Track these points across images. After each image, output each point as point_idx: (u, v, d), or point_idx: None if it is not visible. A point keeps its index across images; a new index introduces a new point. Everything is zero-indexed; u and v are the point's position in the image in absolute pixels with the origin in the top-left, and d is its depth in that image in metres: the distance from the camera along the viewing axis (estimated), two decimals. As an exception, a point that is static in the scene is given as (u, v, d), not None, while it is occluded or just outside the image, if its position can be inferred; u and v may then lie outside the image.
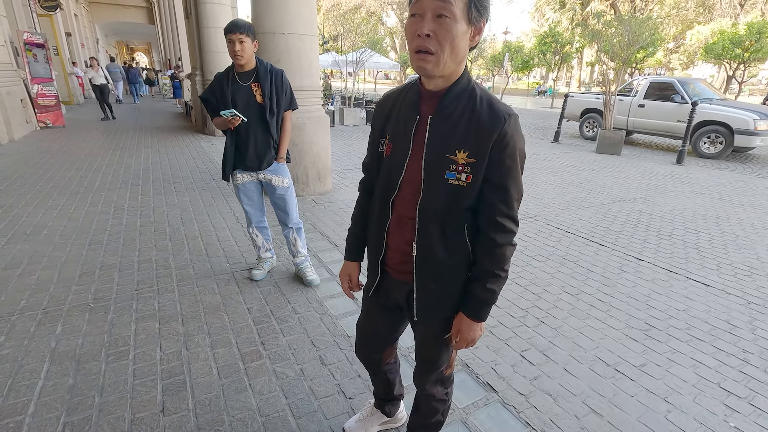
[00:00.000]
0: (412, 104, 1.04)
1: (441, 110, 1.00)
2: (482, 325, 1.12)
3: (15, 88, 7.90)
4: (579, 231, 4.01)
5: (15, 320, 2.31)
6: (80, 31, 18.75)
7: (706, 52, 18.26)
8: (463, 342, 1.12)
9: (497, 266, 1.05)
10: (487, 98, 0.98)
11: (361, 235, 1.29)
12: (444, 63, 0.92)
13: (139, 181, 5.19)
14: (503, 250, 1.04)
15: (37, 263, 2.97)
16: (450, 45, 0.90)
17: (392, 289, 1.21)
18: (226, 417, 1.71)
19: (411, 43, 0.93)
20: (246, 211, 2.74)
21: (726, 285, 3.03)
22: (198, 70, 9.34)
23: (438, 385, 1.30)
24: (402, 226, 1.09)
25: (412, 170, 1.04)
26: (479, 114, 0.96)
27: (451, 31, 0.88)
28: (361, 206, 1.28)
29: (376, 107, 1.17)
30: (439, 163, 0.99)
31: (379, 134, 1.14)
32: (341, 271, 1.36)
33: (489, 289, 1.06)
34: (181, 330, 2.28)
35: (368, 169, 1.24)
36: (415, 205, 1.04)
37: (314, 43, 4.56)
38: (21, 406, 1.73)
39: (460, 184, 0.99)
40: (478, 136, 0.96)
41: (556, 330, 2.41)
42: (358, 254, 1.33)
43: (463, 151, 0.97)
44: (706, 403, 1.90)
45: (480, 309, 1.09)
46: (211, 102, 2.45)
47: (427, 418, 1.37)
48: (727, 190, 5.77)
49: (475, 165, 0.97)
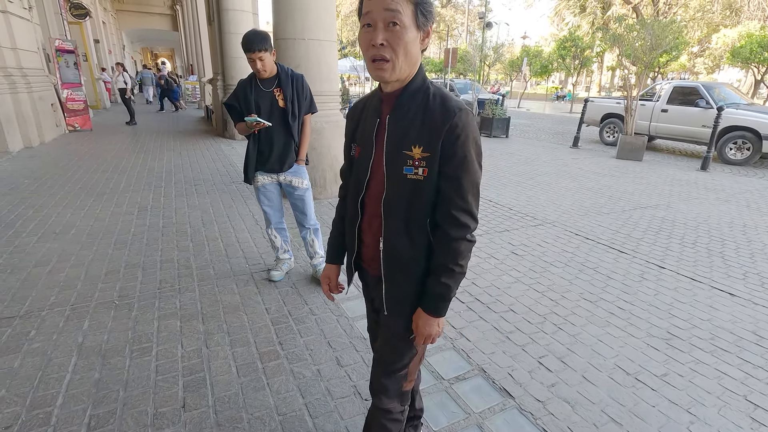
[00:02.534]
0: (375, 108, 1.11)
1: (397, 109, 1.05)
2: (441, 321, 1.12)
3: (46, 93, 8.22)
4: (599, 237, 3.94)
5: (45, 315, 2.40)
6: (108, 38, 19.40)
7: (732, 55, 17.77)
8: (421, 338, 1.13)
9: (451, 260, 1.05)
10: (440, 95, 1.02)
11: (340, 240, 1.34)
12: (400, 68, 0.98)
13: (162, 183, 5.33)
14: (457, 245, 1.05)
15: (66, 261, 3.08)
16: (403, 51, 0.96)
17: (371, 284, 1.26)
18: (245, 415, 1.75)
19: (366, 52, 0.99)
20: (265, 213, 2.79)
21: (753, 295, 2.94)
22: (219, 75, 9.55)
23: (395, 399, 1.26)
24: (372, 223, 1.14)
25: (376, 170, 1.10)
26: (432, 110, 1.00)
27: (403, 38, 0.94)
28: (340, 212, 1.34)
29: (347, 115, 1.24)
30: (397, 160, 1.04)
31: (350, 140, 1.22)
32: (322, 274, 1.40)
33: (443, 283, 1.07)
34: (201, 328, 2.34)
35: (345, 176, 1.29)
36: (380, 202, 1.09)
37: (333, 49, 4.62)
38: (50, 397, 1.79)
39: (417, 178, 1.02)
40: (430, 130, 0.99)
41: (574, 337, 2.38)
42: (337, 257, 1.37)
43: (418, 146, 1.01)
44: (732, 416, 1.84)
45: (435, 304, 1.09)
46: (235, 108, 2.52)
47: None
48: (755, 198, 5.60)
49: (429, 159, 1.00)
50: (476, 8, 39.73)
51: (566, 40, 22.78)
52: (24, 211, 4.10)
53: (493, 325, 2.48)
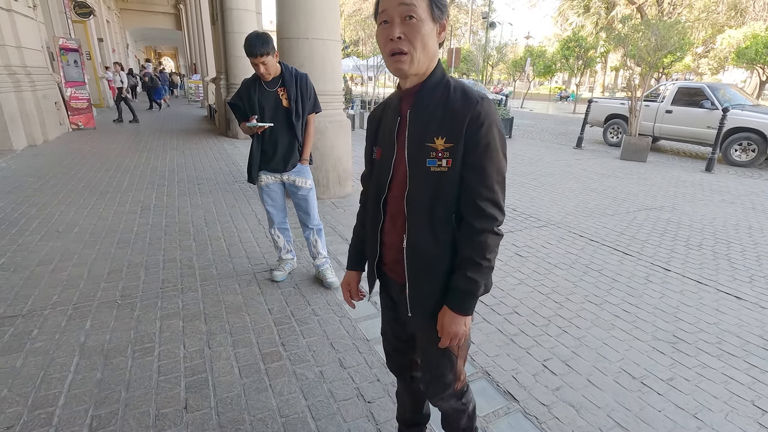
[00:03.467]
0: (395, 108, 1.11)
1: (417, 103, 1.05)
2: (467, 319, 1.07)
3: (50, 92, 8.25)
4: (603, 239, 3.92)
5: (47, 314, 2.40)
6: (111, 37, 19.45)
7: (737, 56, 17.68)
8: (447, 338, 1.09)
9: (477, 254, 1.02)
10: (460, 87, 1.02)
11: (360, 246, 1.32)
12: (417, 60, 0.98)
13: (165, 182, 5.33)
14: (483, 237, 1.01)
15: (69, 260, 3.08)
16: (421, 43, 0.96)
17: (392, 290, 1.23)
18: (247, 416, 1.73)
19: (384, 47, 0.99)
20: (269, 212, 2.78)
21: (760, 298, 2.91)
22: (223, 75, 9.56)
23: (452, 399, 1.25)
24: (395, 222, 1.12)
25: (398, 168, 1.08)
26: (453, 101, 1.00)
27: (420, 30, 0.95)
28: (361, 218, 1.32)
29: (368, 119, 1.24)
30: (420, 153, 1.02)
31: (371, 143, 1.21)
32: (342, 280, 1.38)
33: (470, 278, 1.02)
34: (203, 329, 2.33)
35: (367, 181, 1.28)
36: (403, 199, 1.07)
37: (337, 49, 4.61)
38: (52, 397, 1.79)
39: (441, 170, 1.01)
40: (452, 120, 0.98)
41: (579, 340, 2.36)
42: (358, 264, 1.35)
43: (440, 137, 1.00)
44: (739, 421, 1.82)
45: (461, 300, 1.05)
46: (239, 107, 2.51)
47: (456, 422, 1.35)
48: (761, 200, 5.55)
49: (453, 149, 0.99)
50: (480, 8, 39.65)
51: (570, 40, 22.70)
52: (27, 210, 4.11)
53: (497, 327, 2.46)
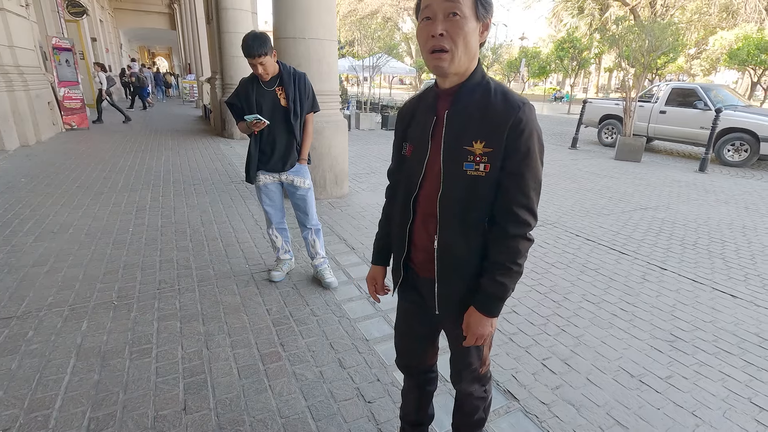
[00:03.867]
0: (430, 106, 1.09)
1: (456, 104, 1.03)
2: (493, 321, 1.09)
3: (43, 91, 8.16)
4: (599, 239, 3.94)
5: (43, 316, 2.37)
6: (105, 37, 19.30)
7: (729, 57, 17.87)
8: (473, 337, 1.11)
9: (509, 259, 1.02)
10: (501, 90, 1.01)
11: (386, 240, 1.31)
12: (459, 59, 0.96)
13: (161, 183, 5.29)
14: (516, 243, 1.02)
15: (64, 261, 3.05)
16: (463, 41, 0.94)
17: (420, 287, 1.22)
18: (247, 417, 1.72)
19: (425, 45, 0.98)
20: (266, 212, 2.77)
21: (755, 297, 2.94)
22: (218, 75, 9.52)
23: (475, 383, 1.29)
24: (426, 223, 1.11)
25: (431, 168, 1.07)
26: (493, 104, 0.98)
27: (463, 28, 0.93)
28: (387, 212, 1.31)
29: (398, 114, 1.22)
30: (457, 156, 1.01)
31: (401, 138, 1.19)
32: (368, 275, 1.38)
33: (499, 282, 1.03)
34: (201, 329, 2.31)
35: (393, 176, 1.26)
36: (436, 200, 1.06)
37: (334, 48, 4.60)
38: (49, 400, 1.76)
39: (478, 174, 0.99)
40: (493, 125, 0.97)
41: (577, 339, 2.37)
42: (383, 259, 1.34)
43: (479, 141, 0.98)
44: (737, 418, 1.83)
45: (490, 303, 1.07)
46: (236, 106, 2.50)
47: (470, 416, 1.36)
48: (753, 199, 5.61)
49: (492, 154, 0.98)
50: (474, 9, 39.59)
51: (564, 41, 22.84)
52: (21, 210, 4.06)
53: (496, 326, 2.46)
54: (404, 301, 1.31)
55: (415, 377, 1.43)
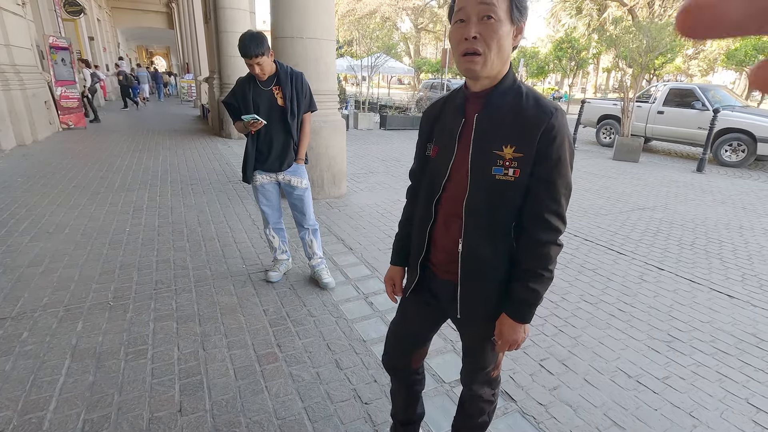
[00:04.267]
0: (458, 107, 1.07)
1: (487, 108, 1.01)
2: (526, 327, 1.10)
3: (40, 90, 8.13)
4: (597, 239, 3.94)
5: (38, 317, 2.35)
6: (102, 36, 19.23)
7: (727, 58, 17.92)
8: (506, 344, 1.11)
9: (540, 265, 1.02)
10: (533, 95, 1.00)
11: (405, 241, 1.30)
12: (491, 63, 0.95)
13: (158, 182, 5.28)
14: (547, 249, 1.01)
15: (59, 261, 3.03)
16: (497, 45, 0.93)
17: (437, 288, 1.20)
18: (243, 419, 1.71)
19: (457, 47, 0.96)
20: (263, 212, 2.76)
21: (752, 297, 2.94)
22: (216, 74, 9.49)
23: (485, 386, 1.29)
24: (449, 225, 1.10)
25: (457, 170, 1.05)
26: (525, 109, 0.97)
27: (497, 31, 0.92)
28: (407, 213, 1.30)
29: (423, 115, 1.20)
30: (486, 160, 1.00)
31: (426, 139, 1.17)
32: (386, 275, 1.37)
33: (531, 288, 1.03)
34: (198, 330, 2.30)
35: (415, 176, 1.25)
36: (461, 203, 1.04)
37: (332, 48, 4.59)
38: (43, 401, 1.75)
39: (507, 179, 0.98)
40: (524, 130, 0.96)
41: (575, 339, 2.36)
42: (402, 259, 1.33)
43: (509, 146, 0.97)
44: (734, 419, 1.83)
45: (522, 310, 1.06)
46: (233, 106, 2.49)
47: (474, 418, 1.36)
48: (751, 199, 5.62)
49: (522, 159, 0.96)
50: (473, 9, 39.60)
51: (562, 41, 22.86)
52: (17, 210, 4.04)
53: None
54: (411, 303, 1.30)
55: (401, 378, 1.43)
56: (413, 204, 1.26)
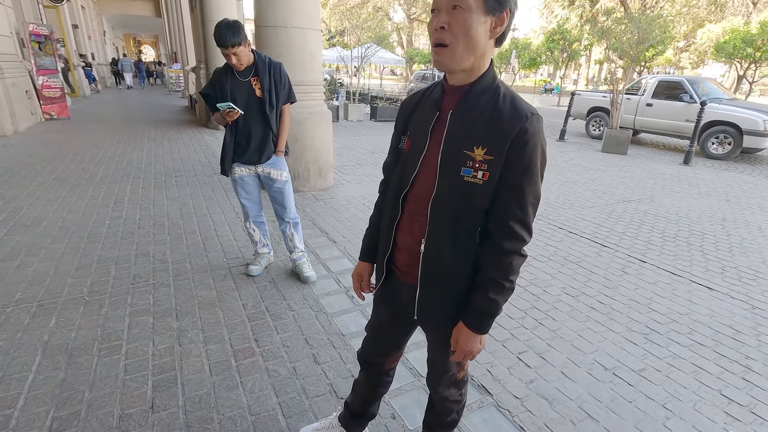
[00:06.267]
0: (435, 101, 1.04)
1: (462, 105, 0.98)
2: (483, 338, 1.06)
3: (20, 80, 7.92)
4: (582, 231, 3.95)
5: (9, 312, 2.30)
6: (87, 24, 18.79)
7: (717, 50, 18.01)
8: (460, 354, 1.08)
9: (501, 275, 0.99)
10: (510, 96, 0.95)
11: (375, 236, 1.27)
12: (459, 55, 0.90)
13: (141, 174, 5.19)
14: (510, 259, 0.98)
15: (35, 255, 2.97)
16: (464, 36, 0.88)
17: (399, 292, 1.18)
18: (216, 415, 1.69)
19: (430, 38, 0.93)
20: (243, 206, 2.72)
21: (730, 289, 2.97)
22: (203, 64, 9.33)
23: (451, 387, 1.27)
24: (413, 224, 1.07)
25: (426, 166, 1.02)
26: (501, 111, 0.93)
27: (464, 21, 0.87)
28: (378, 207, 1.27)
29: (401, 106, 1.16)
30: (455, 159, 0.96)
31: (401, 132, 1.13)
32: (354, 271, 1.34)
33: (491, 299, 1.00)
34: (174, 325, 2.26)
35: (388, 170, 1.21)
36: (427, 201, 1.01)
37: (317, 38, 4.51)
38: (10, 399, 1.71)
39: (475, 182, 0.95)
40: (497, 132, 0.92)
41: (554, 332, 2.37)
42: (371, 255, 1.30)
43: (481, 147, 0.94)
44: (707, 410, 1.85)
45: (480, 320, 1.04)
46: (210, 97, 2.43)
47: (443, 417, 1.35)
48: (735, 192, 5.68)
49: (492, 162, 0.93)
50: None
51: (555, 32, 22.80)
52: (-7, 203, 3.95)
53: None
54: (382, 304, 1.28)
55: (370, 375, 1.41)
56: (384, 198, 1.23)
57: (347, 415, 1.52)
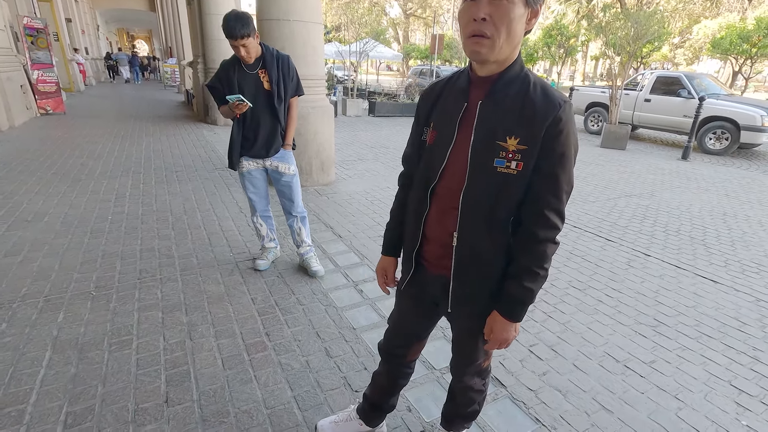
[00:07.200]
0: (461, 91, 1.01)
1: (492, 95, 0.96)
2: (517, 326, 1.07)
3: (15, 74, 7.81)
4: (586, 226, 3.96)
5: (16, 308, 2.28)
6: (81, 18, 18.55)
7: (713, 47, 18.08)
8: (495, 342, 1.08)
9: (536, 263, 0.98)
10: (541, 84, 0.94)
11: (398, 230, 1.25)
12: (499, 47, 0.88)
13: (141, 169, 5.14)
14: (544, 247, 0.98)
15: (38, 250, 2.94)
16: (506, 29, 0.86)
17: (428, 284, 1.17)
18: (231, 409, 1.69)
19: (465, 28, 0.90)
20: (251, 200, 2.70)
21: (735, 282, 3.00)
22: (200, 58, 9.23)
23: (476, 377, 1.27)
24: (444, 216, 1.05)
25: (456, 158, 1.00)
26: (532, 99, 0.92)
27: (508, 14, 0.85)
28: (400, 200, 1.24)
29: (422, 95, 1.14)
30: (487, 150, 0.95)
31: (423, 123, 1.11)
32: (378, 265, 1.32)
33: (526, 287, 1.00)
34: (184, 320, 2.25)
35: (409, 161, 1.19)
36: (458, 194, 1.00)
37: (319, 31, 4.48)
38: (23, 394, 1.70)
39: (509, 172, 0.94)
40: (530, 121, 0.91)
41: (564, 325, 2.38)
42: (394, 249, 1.29)
43: (513, 137, 0.92)
44: (718, 401, 1.87)
45: (515, 308, 1.04)
46: (217, 90, 2.40)
47: (464, 407, 1.35)
48: (734, 187, 5.72)
49: (526, 152, 0.92)
50: (462, -6, 39.14)
51: (552, 28, 22.79)
52: (-8, 198, 3.90)
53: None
54: (403, 296, 1.27)
55: (391, 367, 1.41)
56: (406, 192, 1.21)
57: (366, 407, 1.51)
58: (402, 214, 1.22)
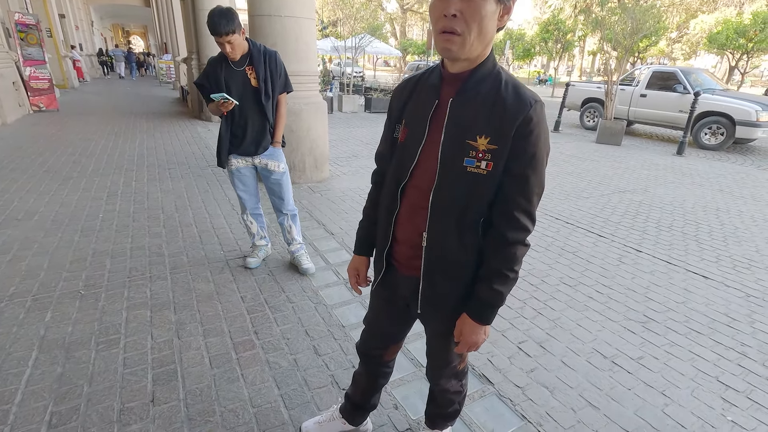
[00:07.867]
0: (433, 88, 0.99)
1: (463, 93, 0.94)
2: (486, 328, 1.06)
3: (7, 71, 7.75)
4: (578, 221, 3.97)
5: (3, 307, 2.27)
6: (74, 13, 18.38)
7: (709, 41, 18.06)
8: (465, 345, 1.07)
9: (505, 266, 0.98)
10: (512, 83, 0.93)
11: (371, 229, 1.24)
12: (470, 44, 0.87)
13: (134, 167, 5.11)
14: (514, 249, 0.97)
15: (28, 249, 2.92)
16: (478, 25, 0.84)
17: (399, 285, 1.16)
18: (217, 407, 1.68)
19: (436, 24, 0.88)
20: (240, 198, 2.69)
21: (725, 278, 3.01)
22: (194, 54, 9.17)
23: (452, 379, 1.27)
24: (414, 216, 1.03)
25: (426, 156, 0.98)
26: (504, 98, 0.90)
27: (479, 10, 0.83)
28: (373, 198, 1.23)
29: (394, 92, 1.11)
30: (457, 149, 0.93)
31: (395, 120, 1.09)
32: (349, 265, 1.32)
33: (495, 290, 0.99)
34: (173, 318, 2.24)
35: (382, 159, 1.18)
36: (428, 193, 0.98)
37: (311, 27, 4.45)
38: (8, 394, 1.69)
39: (479, 172, 0.92)
40: (501, 121, 0.89)
41: (554, 321, 2.38)
42: (367, 248, 1.28)
43: (484, 136, 0.91)
44: (704, 396, 1.88)
45: (484, 311, 1.03)
46: (205, 87, 2.38)
47: (444, 408, 1.36)
48: (728, 182, 5.73)
49: (496, 152, 0.90)
50: (460, -11, 38.90)
51: (549, 23, 22.72)
52: (-17, 196, 3.87)
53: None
54: (380, 298, 1.26)
55: (370, 367, 1.41)
56: (378, 190, 1.20)
57: (348, 407, 1.51)
58: (374, 213, 1.21)
